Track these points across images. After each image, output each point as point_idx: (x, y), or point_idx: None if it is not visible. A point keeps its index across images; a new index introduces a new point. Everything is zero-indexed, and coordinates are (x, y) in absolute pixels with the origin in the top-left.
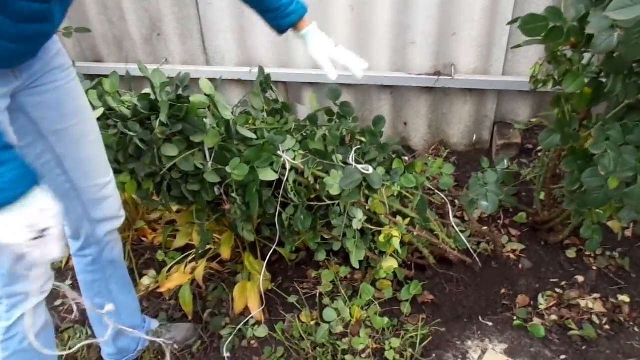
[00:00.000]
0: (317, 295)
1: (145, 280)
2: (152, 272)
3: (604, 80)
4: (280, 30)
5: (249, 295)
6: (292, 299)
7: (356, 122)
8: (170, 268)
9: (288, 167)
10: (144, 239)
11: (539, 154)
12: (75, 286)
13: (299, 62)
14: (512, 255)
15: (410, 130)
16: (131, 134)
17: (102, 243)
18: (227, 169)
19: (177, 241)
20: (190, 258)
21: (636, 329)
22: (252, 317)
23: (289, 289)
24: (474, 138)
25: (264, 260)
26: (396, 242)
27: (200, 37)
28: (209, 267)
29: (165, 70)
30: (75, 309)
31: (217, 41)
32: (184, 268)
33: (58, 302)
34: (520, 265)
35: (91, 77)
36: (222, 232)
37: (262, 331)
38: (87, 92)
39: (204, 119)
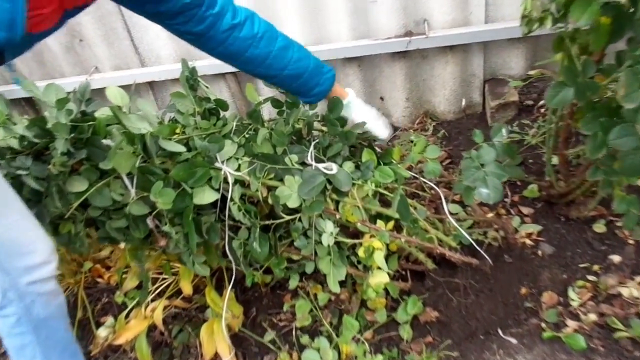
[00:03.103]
0: (294, 330)
1: (102, 332)
2: (111, 320)
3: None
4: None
5: (217, 339)
6: (268, 337)
7: (314, 108)
8: (130, 311)
9: (231, 180)
10: (99, 279)
11: (542, 110)
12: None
13: None
14: (527, 241)
15: (389, 106)
16: (21, 172)
17: (28, 297)
18: (151, 196)
19: (128, 282)
20: (151, 296)
21: None
22: None
23: (264, 322)
24: (463, 103)
25: (234, 293)
26: (379, 257)
27: (127, 35)
28: (173, 306)
29: (95, 80)
30: None
31: (148, 37)
32: (144, 310)
33: None
34: (539, 252)
35: (17, 100)
36: None
37: None
38: None
39: (109, 139)
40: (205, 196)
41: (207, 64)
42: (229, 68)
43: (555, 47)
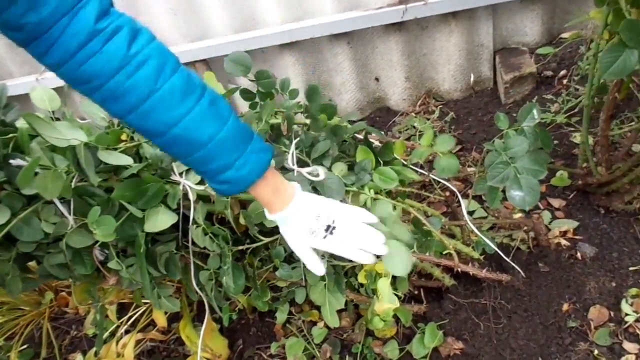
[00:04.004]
0: None
1: None
2: (79, 358)
3: None
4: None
5: None
6: None
7: (294, 97)
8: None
9: (192, 197)
10: (67, 309)
11: (565, 82)
12: None
13: (217, 30)
14: (563, 241)
15: (385, 87)
16: None
17: None
18: (88, 226)
19: (92, 315)
20: (124, 328)
21: None
22: None
23: (253, 359)
24: (472, 79)
25: (218, 321)
26: (385, 285)
27: None
28: (147, 339)
29: (48, 79)
30: None
31: None
32: (115, 345)
33: None
34: (579, 255)
35: None
36: None
37: None
38: None
39: (27, 156)
40: (160, 220)
41: (172, 51)
42: (199, 55)
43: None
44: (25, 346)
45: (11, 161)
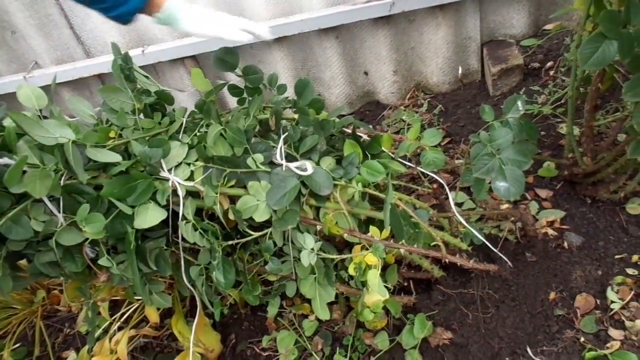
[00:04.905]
0: None
1: None
2: (73, 355)
3: None
4: (123, 21)
5: None
6: None
7: (282, 92)
8: (96, 341)
9: (181, 193)
10: (59, 307)
11: (552, 74)
12: None
13: None
14: (550, 231)
15: (375, 80)
16: None
17: None
18: (78, 223)
19: (85, 312)
20: (116, 324)
21: None
22: None
23: (245, 353)
24: (460, 71)
25: (211, 317)
26: (374, 277)
27: (66, 22)
28: (140, 335)
29: (36, 77)
30: None
31: (90, 22)
32: (109, 342)
33: None
34: (566, 245)
35: None
36: None
37: None
38: None
39: (14, 155)
40: (149, 217)
41: (161, 48)
42: (188, 51)
43: None
44: (18, 345)
45: None
